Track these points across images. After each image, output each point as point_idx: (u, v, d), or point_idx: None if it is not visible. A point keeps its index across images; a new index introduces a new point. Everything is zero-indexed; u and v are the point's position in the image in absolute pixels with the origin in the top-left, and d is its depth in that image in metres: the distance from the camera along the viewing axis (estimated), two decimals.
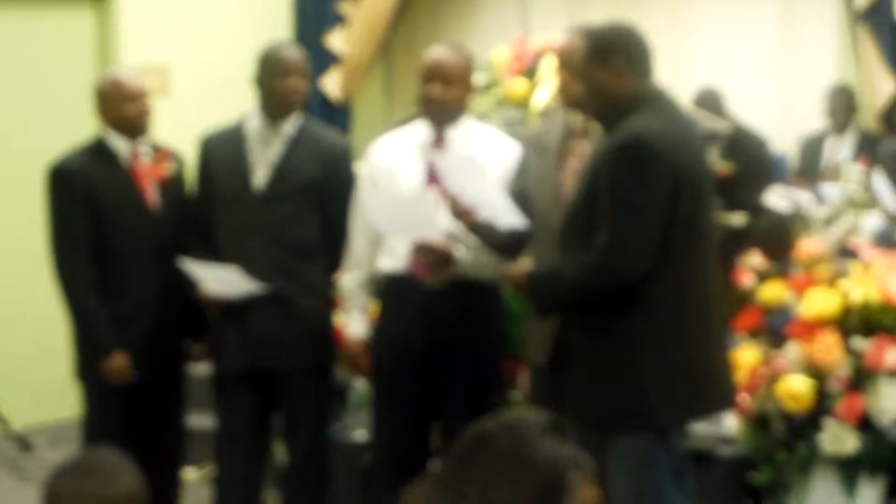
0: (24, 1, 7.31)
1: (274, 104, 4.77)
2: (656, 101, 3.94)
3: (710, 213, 4.00)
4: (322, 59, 8.26)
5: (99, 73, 7.47)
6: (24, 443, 6.76)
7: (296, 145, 4.80)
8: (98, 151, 4.87)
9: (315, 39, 8.27)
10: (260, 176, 4.78)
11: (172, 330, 4.94)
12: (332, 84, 8.31)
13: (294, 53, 4.81)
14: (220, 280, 4.70)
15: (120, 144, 4.86)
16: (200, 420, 5.84)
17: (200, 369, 5.42)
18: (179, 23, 7.77)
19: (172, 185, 4.95)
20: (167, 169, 4.93)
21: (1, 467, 6.63)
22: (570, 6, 7.68)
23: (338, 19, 8.24)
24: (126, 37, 7.63)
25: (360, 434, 5.45)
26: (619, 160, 3.80)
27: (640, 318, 3.82)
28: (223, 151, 4.86)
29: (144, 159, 4.89)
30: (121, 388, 4.77)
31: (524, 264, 4.24)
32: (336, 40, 8.26)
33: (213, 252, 4.79)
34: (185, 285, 4.77)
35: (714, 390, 3.98)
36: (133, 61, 7.54)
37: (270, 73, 4.75)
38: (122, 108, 4.82)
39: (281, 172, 4.77)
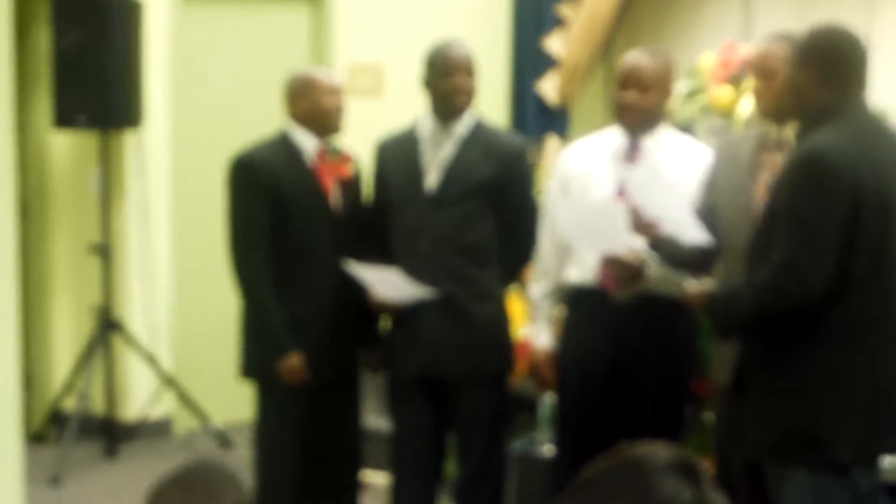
0: None
1: (441, 104, 4.65)
2: (851, 113, 3.69)
3: None
4: (540, 62, 8.12)
5: None
6: (223, 439, 6.80)
7: (468, 146, 4.66)
8: (282, 146, 4.78)
9: (533, 42, 8.13)
10: (432, 178, 4.65)
11: (349, 331, 4.81)
12: (549, 87, 8.14)
13: (458, 51, 4.67)
14: (386, 283, 4.60)
15: (305, 140, 4.77)
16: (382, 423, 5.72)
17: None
18: (395, 23, 7.72)
19: (353, 187, 4.85)
20: (350, 169, 4.82)
21: None
22: (796, 11, 7.35)
23: (556, 21, 8.06)
24: (340, 35, 7.63)
25: (548, 449, 5.29)
26: (795, 175, 3.61)
27: (819, 344, 3.61)
28: (397, 155, 4.76)
29: (328, 158, 4.79)
30: (296, 389, 4.68)
31: (705, 284, 4.07)
32: (554, 43, 8.09)
33: (387, 257, 4.68)
34: (359, 290, 4.66)
35: None
36: (347, 60, 7.62)
37: (435, 72, 4.64)
38: (318, 101, 4.73)
39: (452, 173, 4.63)
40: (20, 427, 4.72)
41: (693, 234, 4.08)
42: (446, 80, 4.62)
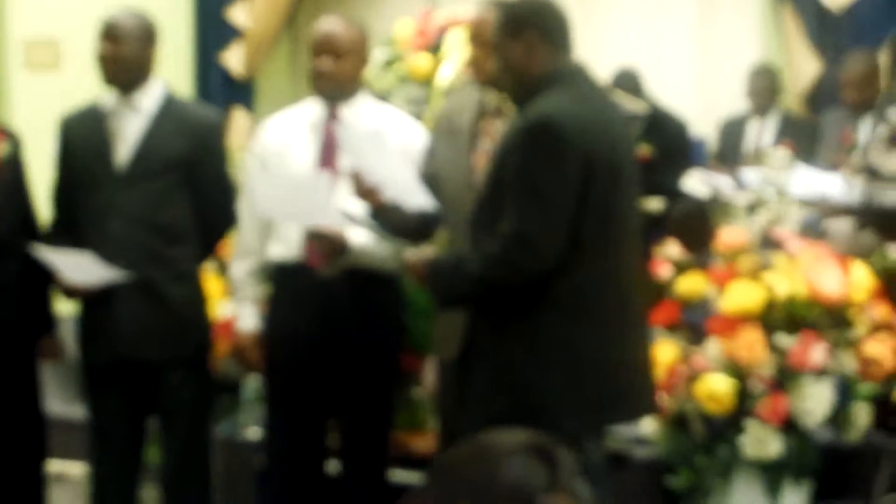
0: None
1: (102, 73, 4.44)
2: (572, 78, 3.66)
3: (631, 200, 3.71)
4: (224, 33, 7.96)
5: None
6: None
7: (159, 121, 4.45)
8: None
9: (216, 12, 7.95)
10: (121, 155, 4.43)
11: (11, 326, 4.52)
12: (234, 59, 7.97)
13: (124, 21, 4.43)
14: (76, 267, 4.34)
15: None
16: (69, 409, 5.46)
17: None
18: None
19: (6, 168, 4.53)
20: (2, 151, 4.50)
21: None
22: None
23: None
24: (15, 9, 7.25)
25: (252, 432, 5.14)
26: (525, 142, 3.53)
27: (547, 314, 3.55)
28: (81, 132, 4.52)
29: None
30: None
31: (425, 252, 3.96)
32: (238, 13, 7.92)
33: (76, 238, 4.43)
34: (28, 279, 4.41)
35: (632, 394, 3.72)
36: (22, 35, 7.25)
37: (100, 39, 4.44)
38: None
39: (143, 150, 4.42)
40: None
41: (418, 199, 3.98)
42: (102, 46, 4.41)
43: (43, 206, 4.68)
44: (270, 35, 7.95)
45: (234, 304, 4.60)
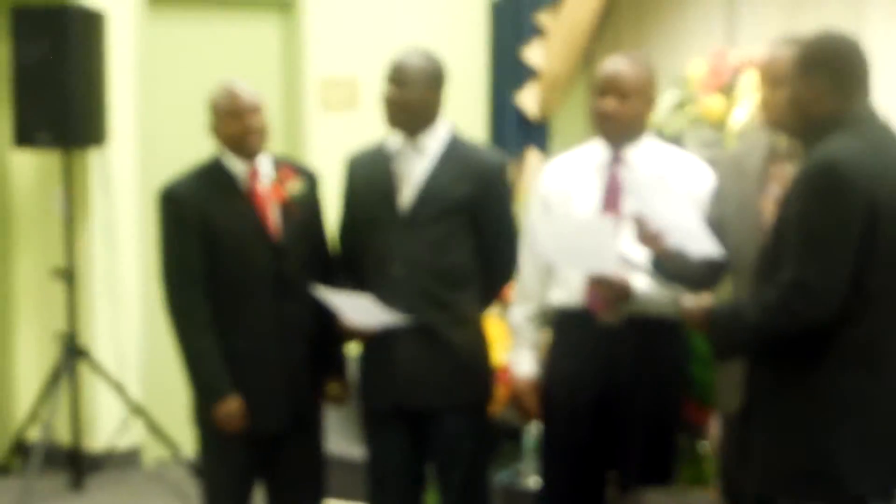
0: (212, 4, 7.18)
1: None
2: (862, 123, 3.48)
3: None
4: (519, 74, 7.90)
5: (284, 85, 7.37)
6: (195, 469, 6.54)
7: (443, 163, 4.40)
8: (213, 171, 4.47)
9: (512, 52, 7.91)
10: (405, 197, 4.39)
11: (301, 371, 4.48)
12: (528, 100, 7.92)
13: (407, 63, 4.39)
14: (357, 309, 4.32)
15: (236, 164, 4.44)
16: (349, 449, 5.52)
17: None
18: (369, 34, 7.47)
19: (298, 208, 4.49)
20: (290, 189, 4.48)
21: (170, 493, 6.52)
22: (783, 16, 7.13)
23: (536, 31, 7.84)
24: (313, 48, 7.41)
25: (533, 481, 5.06)
26: (807, 186, 3.40)
27: (832, 369, 3.40)
28: (367, 172, 4.50)
29: (265, 179, 4.45)
30: (240, 438, 4.39)
31: (703, 300, 3.81)
32: (534, 53, 7.87)
33: (359, 279, 4.43)
34: (318, 319, 4.39)
35: None
36: (320, 74, 7.41)
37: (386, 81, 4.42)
38: (225, 125, 4.42)
39: (427, 193, 4.37)
40: None
41: (702, 245, 3.83)
42: None
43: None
44: (566, 75, 7.87)
45: (513, 349, 4.51)
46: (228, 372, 4.35)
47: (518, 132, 7.91)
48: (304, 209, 4.50)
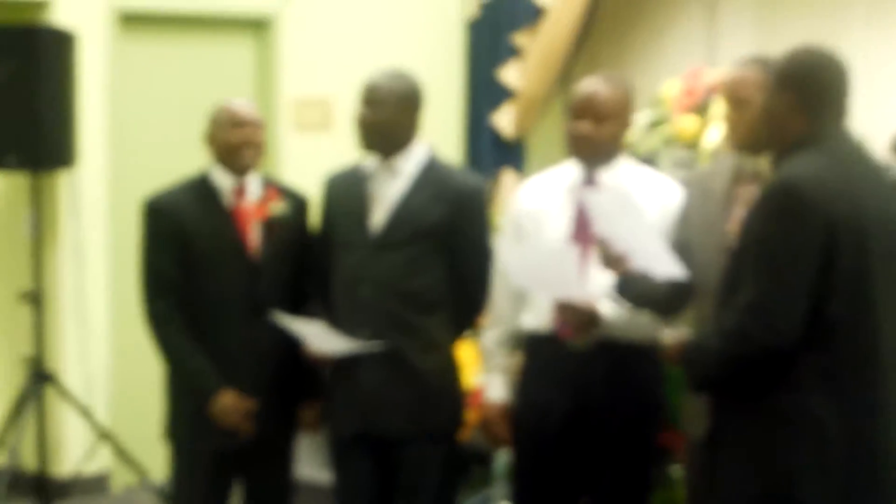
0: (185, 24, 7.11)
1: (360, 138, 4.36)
2: (829, 142, 3.42)
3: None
4: (495, 94, 7.86)
5: (257, 105, 7.30)
6: (163, 495, 6.45)
7: (418, 185, 4.33)
8: (198, 186, 4.45)
9: (488, 73, 7.87)
10: (377, 219, 4.32)
11: (271, 392, 4.42)
12: (505, 120, 7.87)
13: (381, 84, 4.33)
14: (319, 336, 4.25)
15: (222, 179, 4.42)
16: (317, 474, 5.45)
17: None
18: (343, 55, 7.43)
19: (281, 228, 4.44)
20: (273, 209, 4.43)
21: None
22: (764, 37, 7.08)
23: (512, 51, 7.81)
24: (287, 68, 7.37)
25: None
26: (765, 208, 3.35)
27: (793, 394, 3.34)
28: (342, 193, 4.44)
29: (251, 198, 4.42)
30: (210, 454, 4.35)
31: (681, 333, 3.75)
32: (510, 74, 7.83)
33: (328, 302, 4.37)
34: (294, 342, 4.31)
35: (888, 482, 3.41)
36: (294, 94, 7.36)
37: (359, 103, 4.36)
38: (222, 136, 4.39)
39: (399, 215, 4.30)
40: None
41: (666, 267, 3.77)
42: None
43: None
44: (542, 95, 7.83)
45: (483, 373, 4.44)
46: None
47: (494, 152, 7.87)
48: (288, 231, 4.45)
